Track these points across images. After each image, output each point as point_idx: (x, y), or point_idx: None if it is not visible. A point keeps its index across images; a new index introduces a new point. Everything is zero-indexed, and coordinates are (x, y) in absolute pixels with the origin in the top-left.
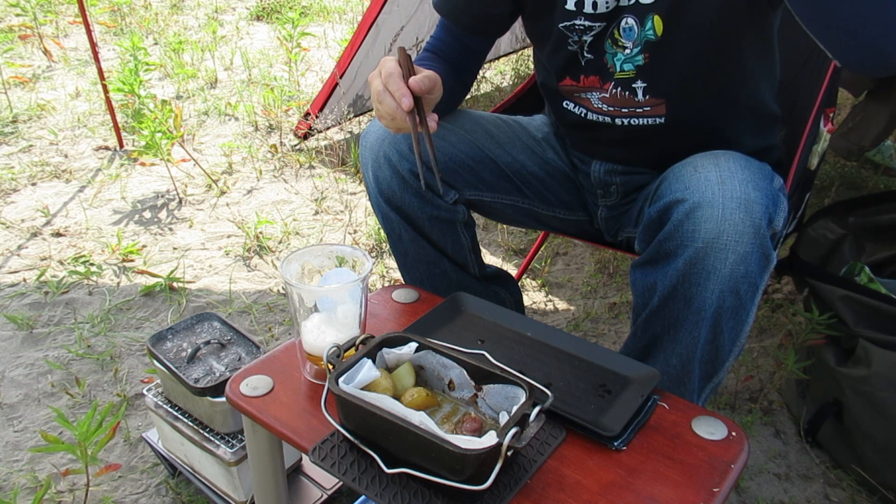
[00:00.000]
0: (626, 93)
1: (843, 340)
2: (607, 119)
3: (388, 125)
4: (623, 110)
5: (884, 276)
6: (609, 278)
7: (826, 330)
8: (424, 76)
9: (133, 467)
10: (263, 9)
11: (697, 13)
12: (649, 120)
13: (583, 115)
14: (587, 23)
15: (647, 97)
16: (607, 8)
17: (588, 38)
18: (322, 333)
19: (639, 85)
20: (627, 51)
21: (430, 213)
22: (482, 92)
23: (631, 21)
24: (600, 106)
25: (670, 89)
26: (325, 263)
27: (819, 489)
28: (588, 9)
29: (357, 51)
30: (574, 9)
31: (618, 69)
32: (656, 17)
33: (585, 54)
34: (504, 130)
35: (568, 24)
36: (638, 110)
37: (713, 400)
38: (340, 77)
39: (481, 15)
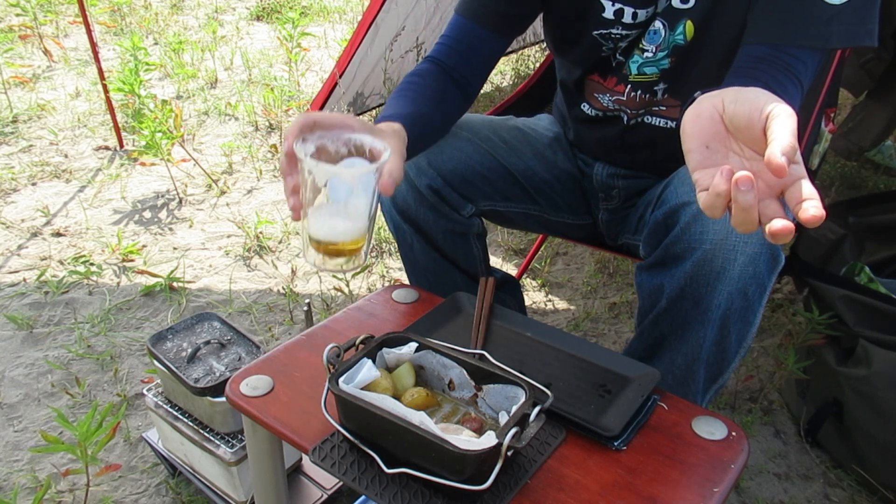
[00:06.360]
0: (647, 95)
1: (843, 340)
2: (619, 114)
3: None
4: (639, 112)
5: (884, 276)
6: (609, 278)
7: (826, 330)
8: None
9: (133, 467)
10: (263, 9)
11: (727, 21)
12: (661, 121)
13: (596, 115)
14: (623, 31)
15: (666, 96)
16: (647, 16)
17: (623, 44)
18: (331, 218)
19: (660, 87)
20: (648, 54)
21: (445, 227)
22: (482, 92)
23: (658, 24)
24: (614, 108)
25: (692, 94)
26: (342, 151)
27: (819, 489)
28: (627, 19)
29: (357, 50)
30: (612, 17)
31: (634, 72)
32: (689, 23)
33: (618, 57)
34: (517, 137)
35: (604, 32)
36: (654, 108)
37: (713, 400)
38: (340, 76)
39: (509, 13)
